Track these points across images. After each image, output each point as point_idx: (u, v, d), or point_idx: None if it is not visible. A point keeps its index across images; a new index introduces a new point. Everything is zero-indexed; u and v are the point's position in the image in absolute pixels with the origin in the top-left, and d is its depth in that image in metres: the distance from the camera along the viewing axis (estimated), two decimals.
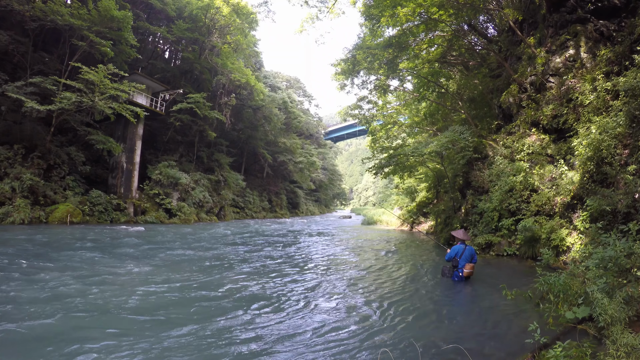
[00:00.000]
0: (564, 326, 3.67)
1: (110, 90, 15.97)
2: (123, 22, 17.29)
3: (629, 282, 3.53)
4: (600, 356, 2.72)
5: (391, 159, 14.86)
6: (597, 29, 9.08)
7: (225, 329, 3.90)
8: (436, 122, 20.47)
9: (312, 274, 7.22)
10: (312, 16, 16.48)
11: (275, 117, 35.46)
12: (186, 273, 6.77)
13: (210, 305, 4.80)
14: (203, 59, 25.61)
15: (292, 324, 4.14)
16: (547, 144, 9.74)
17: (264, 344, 3.55)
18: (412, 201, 24.06)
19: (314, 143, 53.56)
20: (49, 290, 5.07)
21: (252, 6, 28.43)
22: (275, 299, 5.20)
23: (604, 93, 7.78)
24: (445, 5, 11.80)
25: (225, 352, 3.34)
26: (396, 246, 12.65)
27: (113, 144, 17.59)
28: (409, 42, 14.57)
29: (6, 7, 15.18)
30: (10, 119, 15.84)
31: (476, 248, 9.75)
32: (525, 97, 10.77)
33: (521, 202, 9.30)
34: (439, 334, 3.92)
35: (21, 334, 3.53)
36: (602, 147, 6.58)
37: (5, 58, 16.55)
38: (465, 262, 6.45)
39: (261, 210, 34.36)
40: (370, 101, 21.54)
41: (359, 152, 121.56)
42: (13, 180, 14.30)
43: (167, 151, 25.35)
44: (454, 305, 5.28)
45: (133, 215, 18.72)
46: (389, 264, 8.66)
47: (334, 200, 72.25)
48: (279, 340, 3.64)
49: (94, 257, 7.85)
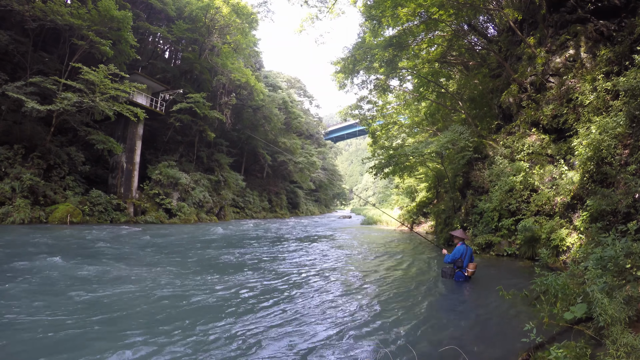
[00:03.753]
0: (560, 326, 3.67)
1: (110, 90, 15.97)
2: (123, 22, 17.28)
3: (628, 282, 3.53)
4: (600, 356, 2.72)
5: (391, 158, 14.86)
6: (597, 29, 9.07)
7: (223, 330, 3.90)
8: (436, 122, 20.47)
9: (311, 275, 7.21)
10: (312, 16, 16.47)
11: (275, 117, 35.45)
12: (185, 273, 6.77)
13: (210, 305, 4.81)
14: (203, 59, 25.61)
15: (289, 325, 4.14)
16: (547, 144, 9.74)
17: (261, 344, 3.55)
18: (412, 201, 24.07)
19: (314, 143, 53.57)
20: (49, 291, 5.07)
21: (252, 6, 28.43)
22: (273, 299, 5.20)
23: (604, 93, 7.78)
24: (445, 5, 11.79)
25: (221, 352, 3.33)
26: (395, 247, 12.64)
27: (113, 144, 17.59)
28: (409, 42, 14.57)
29: (6, 7, 15.16)
30: (10, 119, 15.83)
31: (476, 248, 9.77)
32: (525, 97, 10.77)
33: (521, 202, 9.30)
34: (435, 335, 3.92)
35: (22, 334, 3.53)
36: (602, 147, 6.58)
37: (5, 58, 16.54)
38: (468, 262, 6.46)
39: (261, 210, 34.36)
40: (370, 101, 21.54)
41: (359, 152, 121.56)
42: (13, 180, 14.30)
43: (167, 151, 25.35)
44: (451, 306, 5.28)
45: (133, 215, 18.72)
46: (388, 265, 8.66)
47: (334, 200, 72.28)
48: (276, 341, 3.64)
49: (95, 257, 7.86)
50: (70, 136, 18.48)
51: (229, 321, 4.17)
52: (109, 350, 3.23)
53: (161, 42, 28.93)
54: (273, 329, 3.95)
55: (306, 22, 16.70)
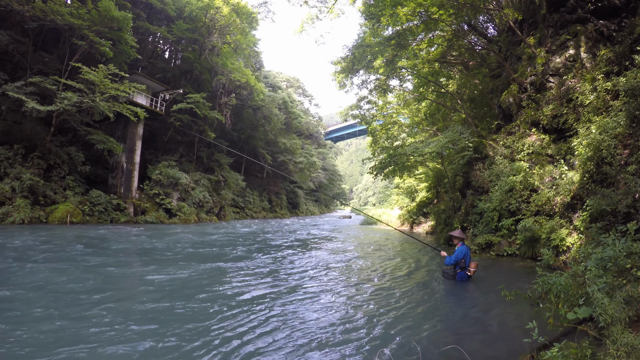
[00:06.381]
0: (564, 327, 3.66)
1: (110, 90, 15.97)
2: (123, 23, 17.27)
3: (628, 282, 3.53)
4: (600, 356, 2.72)
5: (391, 158, 14.86)
6: (597, 29, 9.08)
7: (224, 329, 3.90)
8: (436, 122, 20.48)
9: (310, 275, 7.21)
10: (312, 16, 16.47)
11: (275, 117, 35.45)
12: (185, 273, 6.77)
13: (210, 305, 4.80)
14: (203, 59, 25.60)
15: (289, 324, 4.14)
16: (547, 144, 9.74)
17: (262, 343, 3.55)
18: (412, 201, 24.07)
19: (314, 143, 53.58)
20: (49, 291, 5.07)
21: (252, 6, 28.43)
22: (272, 299, 5.20)
23: (604, 93, 7.78)
24: (445, 5, 11.79)
25: (223, 351, 3.33)
26: (395, 246, 12.64)
27: (113, 144, 17.58)
28: (408, 42, 14.57)
29: (6, 7, 15.16)
30: (10, 119, 15.83)
31: (476, 248, 9.78)
32: (525, 97, 10.77)
33: (521, 202, 9.30)
34: (437, 335, 3.92)
35: (22, 335, 3.53)
36: (602, 147, 6.57)
37: (5, 58, 16.54)
38: (469, 261, 6.47)
39: (261, 210, 34.36)
40: (370, 101, 21.55)
41: (359, 152, 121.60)
42: (13, 180, 14.29)
43: (167, 151, 25.35)
44: (453, 305, 5.28)
45: (133, 215, 18.72)
46: (388, 265, 8.66)
47: (334, 200, 72.23)
48: (276, 340, 3.64)
49: (96, 258, 7.86)
50: (70, 136, 18.47)
51: (228, 321, 4.17)
52: (108, 347, 3.23)
53: (161, 42, 28.93)
54: (273, 330, 3.95)
55: (306, 22, 16.71)
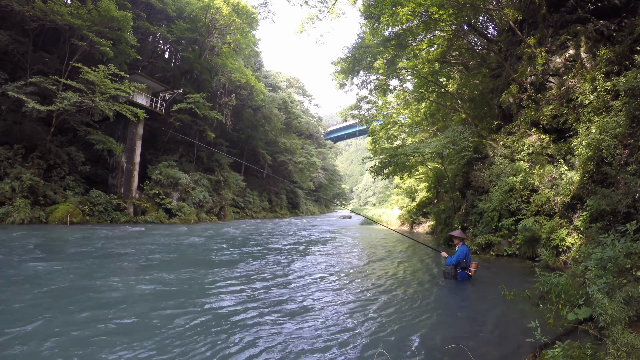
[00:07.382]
0: (565, 327, 3.66)
1: (110, 90, 15.98)
2: (123, 23, 17.28)
3: (628, 282, 3.53)
4: (600, 356, 2.72)
5: (391, 158, 14.87)
6: (597, 29, 9.08)
7: (226, 331, 3.90)
8: (436, 122, 20.49)
9: (310, 275, 7.21)
10: (312, 16, 16.49)
11: (275, 117, 35.45)
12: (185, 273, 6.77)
13: (211, 306, 4.81)
14: (203, 59, 25.61)
15: (288, 324, 4.14)
16: (547, 144, 9.74)
17: (258, 343, 3.54)
18: (412, 201, 24.06)
19: (314, 143, 53.58)
20: (49, 291, 5.07)
21: (252, 6, 28.43)
22: (272, 298, 5.20)
23: (604, 93, 7.78)
24: (445, 5, 11.80)
25: (223, 352, 3.34)
26: (395, 246, 12.64)
27: (113, 144, 17.58)
28: (408, 42, 14.58)
29: (6, 7, 15.16)
30: (10, 119, 15.83)
31: (476, 248, 9.78)
32: (525, 97, 10.78)
33: (521, 202, 9.30)
34: (440, 334, 3.92)
35: (22, 335, 3.53)
36: (602, 147, 6.57)
37: (5, 58, 16.54)
38: (470, 261, 6.48)
39: (261, 210, 34.36)
40: (370, 101, 21.56)
41: (359, 152, 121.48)
42: (13, 180, 14.29)
43: (167, 151, 25.35)
44: (453, 305, 5.28)
45: (133, 215, 18.72)
46: (388, 265, 8.66)
47: (334, 200, 72.21)
48: (275, 340, 3.64)
49: (96, 258, 7.86)
50: (70, 136, 18.47)
51: (228, 321, 4.17)
52: (110, 350, 3.24)
53: (161, 42, 28.93)
54: (273, 330, 3.95)
55: (306, 22, 16.73)
